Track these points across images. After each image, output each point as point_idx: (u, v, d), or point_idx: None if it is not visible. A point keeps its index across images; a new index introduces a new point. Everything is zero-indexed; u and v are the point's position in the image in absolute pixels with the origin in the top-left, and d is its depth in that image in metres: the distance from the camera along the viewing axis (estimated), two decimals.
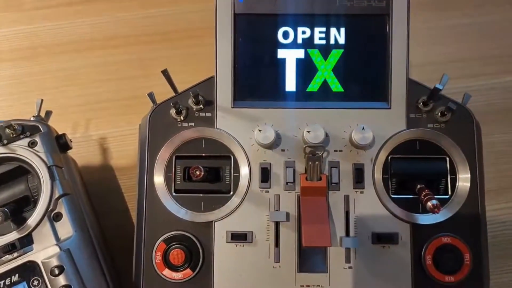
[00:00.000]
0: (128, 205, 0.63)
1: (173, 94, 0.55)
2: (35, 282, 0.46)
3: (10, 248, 0.47)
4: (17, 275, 0.46)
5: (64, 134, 0.54)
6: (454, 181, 0.52)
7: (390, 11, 0.52)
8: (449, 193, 0.52)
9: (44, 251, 0.47)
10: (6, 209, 0.48)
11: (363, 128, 0.50)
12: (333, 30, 0.53)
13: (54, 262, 0.46)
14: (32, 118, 0.54)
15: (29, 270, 0.47)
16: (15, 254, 0.47)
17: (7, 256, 0.47)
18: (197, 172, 0.49)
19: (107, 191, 0.63)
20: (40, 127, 0.52)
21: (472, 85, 0.68)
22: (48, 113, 0.57)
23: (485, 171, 0.57)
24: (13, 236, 0.48)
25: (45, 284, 0.46)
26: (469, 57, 0.70)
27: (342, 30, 0.53)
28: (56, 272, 0.46)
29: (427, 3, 0.73)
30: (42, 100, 0.56)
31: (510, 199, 0.63)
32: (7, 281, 0.46)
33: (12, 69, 0.70)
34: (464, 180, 0.51)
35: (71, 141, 0.56)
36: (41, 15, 0.73)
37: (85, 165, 0.64)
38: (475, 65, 0.70)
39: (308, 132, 0.50)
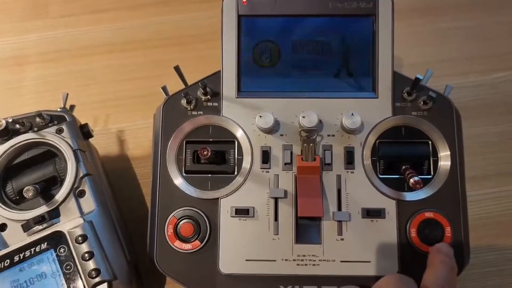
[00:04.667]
0: (143, 189, 0.67)
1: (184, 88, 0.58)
2: (62, 250, 0.50)
3: (40, 219, 0.51)
4: (46, 243, 0.50)
5: (86, 124, 0.59)
6: (436, 163, 0.55)
7: (377, 11, 0.56)
8: (432, 173, 0.55)
9: (70, 222, 0.51)
10: (37, 186, 0.53)
11: (352, 114, 0.54)
12: (326, 29, 0.57)
13: (78, 231, 0.50)
14: (59, 109, 0.59)
15: (57, 239, 0.50)
16: (45, 225, 0.51)
17: (37, 226, 0.51)
18: (204, 152, 0.52)
19: (124, 177, 0.68)
20: (66, 116, 0.57)
21: (461, 82, 0.72)
22: (72, 107, 0.62)
23: (473, 159, 0.61)
24: (43, 209, 0.52)
25: (70, 251, 0.49)
26: (458, 57, 0.74)
27: (334, 28, 0.57)
28: (80, 240, 0.50)
29: (419, 9, 0.78)
30: (67, 93, 0.61)
31: (494, 185, 0.67)
32: (37, 248, 0.50)
33: (39, 70, 0.76)
34: (445, 161, 0.55)
35: (93, 131, 0.60)
36: (65, 23, 0.78)
37: (105, 155, 0.68)
38: (463, 64, 0.74)
39: (303, 117, 0.53)
